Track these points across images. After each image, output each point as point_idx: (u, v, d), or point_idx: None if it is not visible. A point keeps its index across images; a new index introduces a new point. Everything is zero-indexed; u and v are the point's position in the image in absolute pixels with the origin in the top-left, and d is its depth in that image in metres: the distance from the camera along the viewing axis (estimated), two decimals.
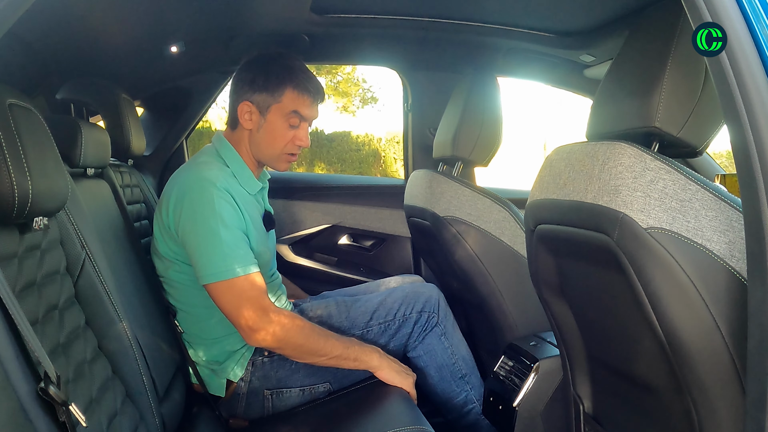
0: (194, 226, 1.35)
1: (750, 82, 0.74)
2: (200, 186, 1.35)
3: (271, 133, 1.45)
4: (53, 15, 1.29)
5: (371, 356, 1.45)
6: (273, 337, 1.34)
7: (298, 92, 1.43)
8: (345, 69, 12.68)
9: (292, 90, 1.43)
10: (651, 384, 0.97)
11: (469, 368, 1.64)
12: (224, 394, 1.46)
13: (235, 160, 1.47)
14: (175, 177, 1.45)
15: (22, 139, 0.81)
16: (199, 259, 1.35)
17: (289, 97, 1.43)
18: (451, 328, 1.63)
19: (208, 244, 1.33)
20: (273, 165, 1.50)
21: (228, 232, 1.33)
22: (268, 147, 1.46)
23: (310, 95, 1.44)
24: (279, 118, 1.44)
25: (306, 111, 1.45)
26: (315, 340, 1.38)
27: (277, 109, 1.43)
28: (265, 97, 1.43)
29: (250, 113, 1.45)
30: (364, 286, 1.85)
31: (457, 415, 1.64)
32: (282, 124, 1.44)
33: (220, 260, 1.32)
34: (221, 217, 1.33)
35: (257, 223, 1.48)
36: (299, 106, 1.44)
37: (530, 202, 1.17)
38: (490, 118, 1.81)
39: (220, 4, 1.61)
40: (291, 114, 1.44)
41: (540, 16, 1.76)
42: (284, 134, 1.45)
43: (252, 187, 1.49)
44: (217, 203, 1.34)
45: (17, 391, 0.74)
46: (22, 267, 0.87)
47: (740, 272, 0.80)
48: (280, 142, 1.45)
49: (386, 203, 2.33)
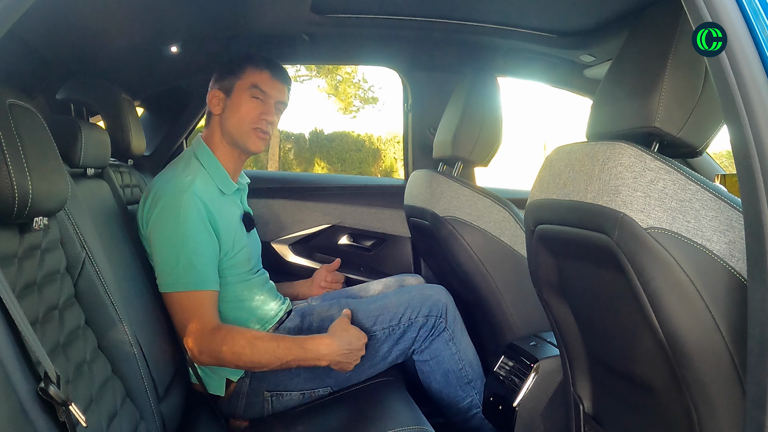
0: (161, 232, 1.39)
1: (750, 82, 0.74)
2: (172, 193, 1.39)
3: (236, 109, 1.51)
4: (53, 15, 1.29)
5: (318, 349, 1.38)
6: (212, 358, 1.35)
7: (257, 68, 1.51)
8: (346, 69, 12.68)
9: (252, 67, 1.52)
10: (651, 384, 0.97)
11: (475, 374, 1.62)
12: (224, 393, 1.46)
13: (210, 161, 1.52)
14: (155, 181, 1.48)
15: (22, 139, 0.82)
16: (159, 266, 1.39)
17: (249, 73, 1.51)
18: (460, 333, 1.60)
19: (169, 253, 1.37)
20: (246, 144, 1.53)
21: (189, 245, 1.36)
22: (236, 124, 1.51)
23: (269, 69, 1.52)
24: (242, 93, 1.51)
25: (266, 86, 1.51)
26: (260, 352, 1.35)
27: (239, 86, 1.51)
28: (229, 79, 1.52)
29: (218, 98, 1.53)
30: (365, 285, 1.85)
31: (462, 419, 1.63)
32: (245, 98, 1.51)
33: (177, 271, 1.36)
34: (185, 230, 1.36)
35: (234, 223, 1.50)
36: (258, 80, 1.51)
37: (530, 202, 1.17)
38: (490, 118, 1.81)
39: (220, 4, 1.61)
40: (252, 88, 1.51)
41: (540, 16, 1.76)
42: (248, 108, 1.50)
43: (227, 187, 1.53)
44: (185, 213, 1.37)
45: (17, 391, 0.74)
46: (22, 267, 0.87)
47: (740, 272, 0.80)
48: (246, 117, 1.50)
49: (386, 203, 2.33)
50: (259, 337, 1.38)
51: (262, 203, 2.22)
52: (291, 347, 1.37)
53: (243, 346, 1.34)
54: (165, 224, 1.38)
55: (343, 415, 1.42)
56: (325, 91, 13.54)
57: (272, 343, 1.36)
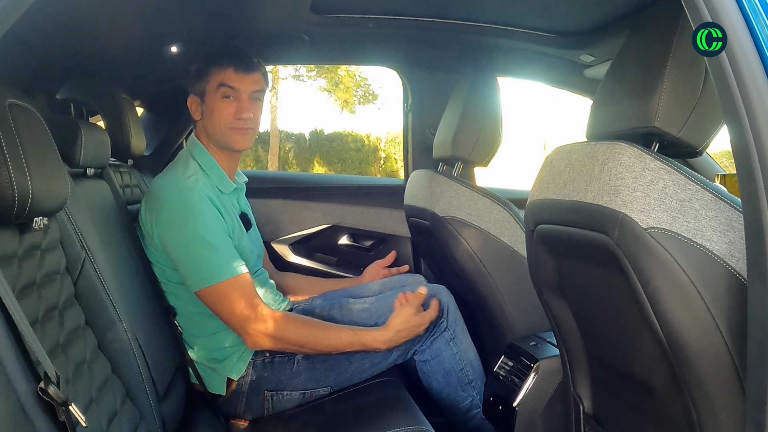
0: (177, 234, 1.38)
1: (750, 82, 0.73)
2: (179, 194, 1.39)
3: (211, 113, 1.51)
4: (53, 15, 1.28)
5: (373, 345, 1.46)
6: (271, 336, 1.36)
7: (220, 66, 1.50)
8: (347, 66, 12.68)
9: (215, 67, 1.50)
10: (651, 384, 0.97)
11: (476, 374, 1.62)
12: (224, 392, 1.46)
13: (207, 159, 1.52)
14: (154, 186, 1.48)
15: (22, 139, 0.82)
16: (186, 267, 1.38)
17: (214, 73, 1.50)
18: (461, 333, 1.61)
19: (192, 250, 1.37)
20: (230, 144, 1.53)
21: (212, 235, 1.36)
22: (215, 127, 1.51)
23: (232, 65, 1.49)
24: (212, 95, 1.51)
25: (234, 82, 1.49)
26: (312, 334, 1.41)
27: (209, 89, 1.51)
28: (199, 85, 1.52)
29: (196, 104, 1.54)
30: (365, 285, 1.85)
31: (462, 419, 1.63)
32: (217, 100, 1.50)
33: (207, 265, 1.36)
34: (203, 222, 1.36)
35: (235, 222, 1.51)
36: (224, 78, 1.49)
37: (530, 202, 1.17)
38: (490, 118, 1.81)
39: (220, 4, 1.61)
40: (220, 87, 1.49)
41: (540, 16, 1.76)
42: (221, 108, 1.50)
43: (226, 186, 1.53)
44: (198, 209, 1.37)
45: (17, 391, 0.74)
46: (22, 267, 0.87)
47: (740, 272, 0.80)
48: (221, 119, 1.50)
49: (386, 203, 2.33)
50: (324, 329, 1.44)
51: (261, 203, 2.22)
52: (351, 342, 1.45)
53: (307, 335, 1.40)
54: (179, 226, 1.38)
55: (343, 415, 1.42)
56: (325, 89, 13.56)
57: (334, 334, 1.44)
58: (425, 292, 1.53)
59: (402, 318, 1.48)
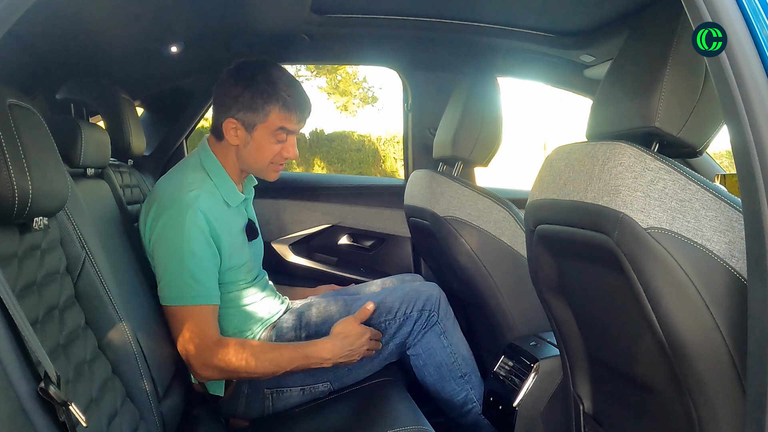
0: (163, 245, 1.38)
1: (750, 82, 0.73)
2: (177, 208, 1.37)
3: (257, 150, 1.45)
4: (53, 15, 1.29)
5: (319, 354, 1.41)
6: (214, 371, 1.36)
7: (285, 111, 1.42)
8: (347, 68, 12.67)
9: (279, 110, 1.42)
10: (651, 384, 0.97)
11: (469, 368, 1.63)
12: (224, 393, 1.46)
13: (218, 172, 1.48)
14: (158, 189, 1.46)
15: (22, 139, 0.81)
16: (161, 279, 1.39)
17: (275, 116, 1.42)
18: (451, 327, 1.61)
19: (170, 267, 1.37)
20: (261, 176, 1.52)
21: (193, 260, 1.36)
22: (254, 162, 1.47)
23: (297, 113, 1.44)
24: (265, 135, 1.44)
25: (292, 126, 1.45)
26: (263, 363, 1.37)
27: (263, 127, 1.43)
28: (251, 116, 1.42)
29: (236, 129, 1.44)
30: (364, 285, 1.85)
31: (457, 414, 1.63)
32: (269, 141, 1.44)
33: (177, 286, 1.36)
34: (189, 244, 1.35)
35: (237, 236, 1.49)
36: (285, 123, 1.43)
37: (530, 202, 1.17)
38: (490, 118, 1.81)
39: (220, 4, 1.61)
40: (277, 131, 1.44)
41: (540, 16, 1.76)
42: (271, 149, 1.45)
43: (234, 199, 1.50)
44: (188, 229, 1.35)
45: (17, 391, 0.74)
46: (22, 267, 0.87)
47: (740, 272, 0.80)
48: (267, 157, 1.46)
49: (386, 203, 2.33)
50: (262, 349, 1.39)
51: (262, 203, 2.22)
52: (294, 356, 1.39)
53: (246, 359, 1.35)
54: (169, 239, 1.37)
55: (344, 415, 1.42)
56: (325, 90, 13.54)
57: (275, 353, 1.38)
58: (372, 308, 1.51)
59: (344, 325, 1.46)
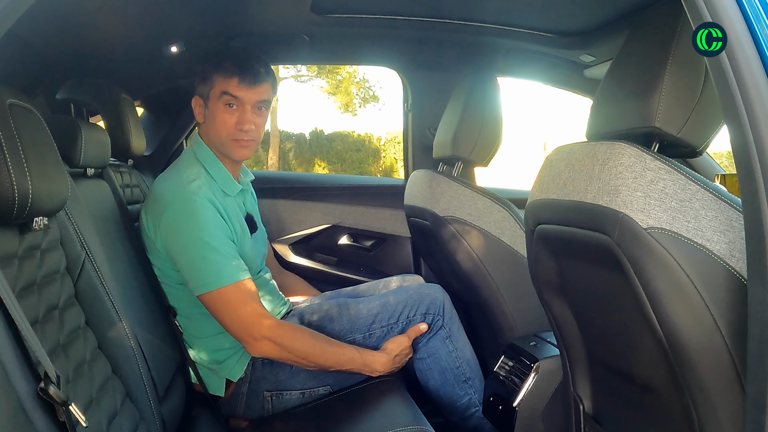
0: (180, 239, 1.37)
1: (750, 82, 0.73)
2: (182, 198, 1.37)
3: (213, 120, 1.48)
4: (53, 15, 1.28)
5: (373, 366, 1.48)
6: (277, 344, 1.37)
7: (225, 74, 1.45)
8: (347, 68, 12.68)
9: (220, 73, 1.46)
10: (651, 384, 0.97)
11: (473, 372, 1.62)
12: (224, 393, 1.47)
13: (211, 160, 1.50)
14: (156, 187, 1.46)
15: (22, 139, 0.82)
16: (189, 271, 1.37)
17: (218, 80, 1.46)
18: (456, 331, 1.61)
19: (196, 255, 1.36)
20: (228, 153, 1.50)
21: (215, 240, 1.36)
22: (216, 135, 1.49)
23: (238, 74, 1.45)
24: (215, 102, 1.47)
25: (238, 92, 1.45)
26: (324, 354, 1.41)
27: (212, 95, 1.47)
28: (203, 87, 1.49)
29: (200, 107, 1.51)
30: (364, 285, 1.85)
31: (460, 417, 1.63)
32: (219, 108, 1.47)
33: (210, 269, 1.35)
34: (207, 226, 1.35)
35: (239, 225, 1.49)
36: (227, 86, 1.45)
37: (530, 202, 1.17)
38: (490, 118, 1.81)
39: (220, 4, 1.61)
40: (222, 95, 1.45)
41: (540, 16, 1.76)
42: (224, 118, 1.46)
43: (231, 188, 1.51)
44: (201, 213, 1.36)
45: (17, 391, 0.74)
46: (22, 267, 0.87)
47: (740, 272, 0.80)
48: (222, 128, 1.47)
49: (386, 203, 2.33)
50: (324, 339, 1.44)
51: (262, 203, 2.21)
52: (354, 358, 1.46)
53: (313, 347, 1.40)
54: (183, 230, 1.37)
55: (344, 416, 1.42)
56: (325, 90, 13.55)
57: (337, 348, 1.45)
58: (425, 329, 1.56)
59: (397, 343, 1.53)
